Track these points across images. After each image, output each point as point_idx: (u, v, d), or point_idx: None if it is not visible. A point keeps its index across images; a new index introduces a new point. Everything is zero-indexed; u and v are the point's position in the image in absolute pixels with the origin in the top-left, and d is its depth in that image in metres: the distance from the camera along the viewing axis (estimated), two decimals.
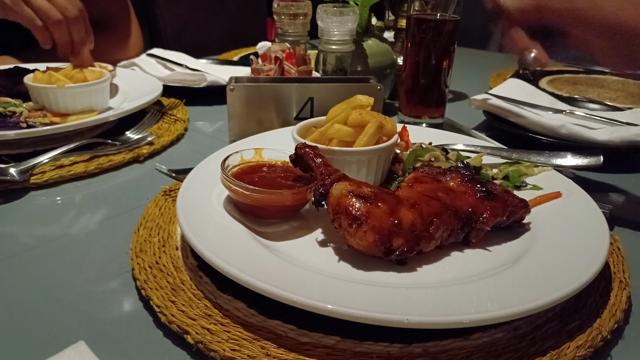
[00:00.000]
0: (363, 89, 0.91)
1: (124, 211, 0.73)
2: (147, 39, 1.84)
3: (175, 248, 0.61)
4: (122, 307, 0.54)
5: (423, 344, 0.48)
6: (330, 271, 0.54)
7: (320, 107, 0.93)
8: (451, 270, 0.56)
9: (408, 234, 0.54)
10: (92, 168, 0.83)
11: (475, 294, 0.50)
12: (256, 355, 0.46)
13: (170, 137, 0.97)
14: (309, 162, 0.63)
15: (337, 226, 0.56)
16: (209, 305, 0.52)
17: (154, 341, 0.49)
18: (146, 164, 0.89)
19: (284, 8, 1.27)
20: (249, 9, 2.29)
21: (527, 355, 0.47)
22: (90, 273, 0.59)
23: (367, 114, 0.70)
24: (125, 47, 1.49)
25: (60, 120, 0.94)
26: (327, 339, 0.48)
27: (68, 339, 0.48)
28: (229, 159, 0.68)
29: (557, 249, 0.57)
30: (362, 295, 0.49)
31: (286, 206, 0.64)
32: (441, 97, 1.06)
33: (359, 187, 0.57)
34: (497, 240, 0.61)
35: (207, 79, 1.21)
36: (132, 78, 1.19)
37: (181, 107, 1.14)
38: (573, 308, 0.53)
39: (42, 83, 0.96)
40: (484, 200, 0.60)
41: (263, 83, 0.92)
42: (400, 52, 1.21)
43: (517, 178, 0.74)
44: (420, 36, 1.00)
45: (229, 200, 0.66)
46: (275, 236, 0.62)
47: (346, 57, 1.04)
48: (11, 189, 0.77)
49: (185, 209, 0.61)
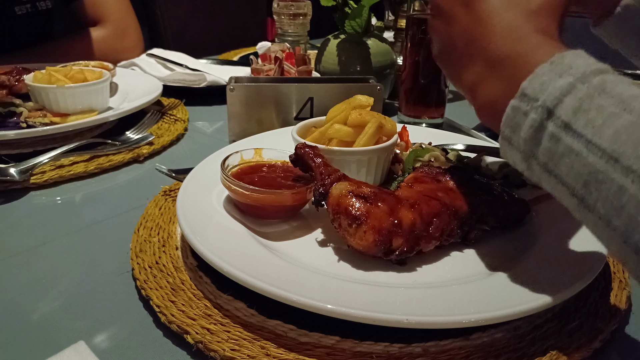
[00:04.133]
0: (363, 89, 0.90)
1: (124, 211, 0.73)
2: (147, 39, 1.84)
3: (175, 248, 0.61)
4: (122, 307, 0.54)
5: (423, 344, 0.48)
6: (330, 271, 0.54)
7: (320, 107, 0.93)
8: (451, 270, 0.56)
9: (408, 234, 0.54)
10: (92, 168, 0.83)
11: (475, 294, 0.50)
12: (256, 355, 0.46)
13: (170, 137, 0.97)
14: (308, 162, 0.63)
15: (337, 226, 0.56)
16: (209, 305, 0.52)
17: (154, 341, 0.49)
18: (146, 164, 0.89)
19: (284, 8, 1.27)
20: (249, 9, 2.29)
21: (527, 355, 0.47)
22: (90, 273, 0.59)
23: (367, 114, 0.70)
24: (125, 47, 1.49)
25: (60, 120, 0.94)
26: (327, 339, 0.48)
27: (68, 339, 0.48)
28: (228, 159, 0.68)
29: (557, 249, 0.57)
30: (362, 295, 0.49)
31: (286, 206, 0.64)
32: (441, 97, 1.06)
33: (358, 187, 0.57)
34: (497, 240, 0.61)
35: (207, 79, 1.21)
36: (132, 78, 1.19)
37: (181, 107, 1.14)
38: (573, 308, 0.53)
39: (42, 83, 0.96)
40: (484, 200, 0.60)
41: (263, 83, 0.92)
42: (400, 52, 1.21)
43: (517, 178, 0.74)
44: (420, 36, 1.00)
45: (229, 200, 0.66)
46: (275, 236, 0.62)
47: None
48: (11, 189, 0.77)
49: (185, 209, 0.61)
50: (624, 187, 0.36)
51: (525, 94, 0.42)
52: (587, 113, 0.39)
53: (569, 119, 0.40)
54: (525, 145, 0.43)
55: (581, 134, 0.39)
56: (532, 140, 0.42)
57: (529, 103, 0.42)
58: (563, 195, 0.42)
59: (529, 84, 0.42)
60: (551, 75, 0.42)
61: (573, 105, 0.40)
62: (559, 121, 0.40)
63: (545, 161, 0.42)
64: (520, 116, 0.43)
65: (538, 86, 0.42)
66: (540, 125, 0.41)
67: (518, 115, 0.43)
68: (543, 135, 0.41)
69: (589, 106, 0.39)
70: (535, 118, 0.42)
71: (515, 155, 0.45)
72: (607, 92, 0.39)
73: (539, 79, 0.42)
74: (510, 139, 0.45)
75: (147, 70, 1.29)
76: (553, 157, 0.41)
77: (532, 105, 0.42)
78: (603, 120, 0.38)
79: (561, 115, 0.40)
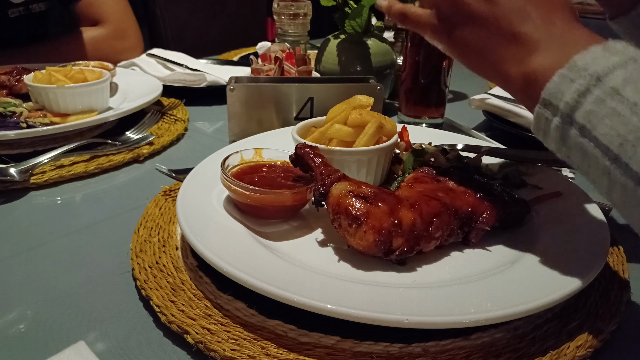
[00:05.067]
0: (363, 89, 0.90)
1: (124, 211, 0.73)
2: (147, 39, 1.84)
3: (175, 248, 0.61)
4: (122, 307, 0.54)
5: (423, 344, 0.48)
6: (330, 271, 0.54)
7: (320, 107, 0.93)
8: (451, 270, 0.56)
9: (408, 234, 0.54)
10: (92, 168, 0.83)
11: (475, 294, 0.50)
12: (256, 355, 0.46)
13: (170, 137, 0.97)
14: (309, 162, 0.63)
15: (337, 226, 0.56)
16: (209, 305, 0.52)
17: (154, 341, 0.49)
18: (146, 164, 0.89)
19: (284, 8, 1.27)
20: (249, 9, 2.29)
21: (527, 355, 0.47)
22: (90, 273, 0.59)
23: (367, 114, 0.70)
24: (124, 48, 1.49)
25: (60, 120, 0.94)
26: (327, 339, 0.48)
27: (68, 339, 0.48)
28: (228, 159, 0.68)
29: (557, 249, 0.57)
30: (362, 295, 0.49)
31: (286, 206, 0.64)
32: (441, 97, 1.06)
33: (358, 187, 0.57)
34: (497, 240, 0.61)
35: (207, 79, 1.21)
36: (132, 78, 1.19)
37: (181, 107, 1.14)
38: (573, 308, 0.53)
39: (42, 83, 0.96)
40: (484, 200, 0.60)
41: (263, 83, 0.92)
42: (400, 52, 1.21)
43: (517, 178, 0.74)
44: (420, 36, 1.00)
45: (229, 200, 0.66)
46: (275, 236, 0.62)
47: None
48: (11, 189, 0.77)
49: (185, 209, 0.61)
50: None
51: (576, 65, 0.44)
52: (636, 83, 0.41)
53: (619, 86, 0.42)
54: (566, 108, 0.44)
55: (628, 98, 0.41)
56: (574, 103, 0.44)
57: (578, 72, 0.44)
58: (593, 161, 0.44)
59: (581, 57, 0.44)
60: (604, 53, 0.44)
61: (624, 76, 0.42)
62: (606, 87, 0.42)
63: (584, 124, 0.43)
64: (566, 82, 0.44)
65: (590, 60, 0.44)
66: (586, 89, 0.43)
67: (564, 82, 0.45)
68: (587, 99, 0.43)
69: (639, 77, 0.41)
70: (582, 83, 0.43)
71: (549, 125, 0.46)
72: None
73: (591, 54, 0.44)
74: (549, 106, 0.46)
75: (147, 70, 1.29)
76: (592, 120, 0.43)
77: (581, 74, 0.44)
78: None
79: (610, 82, 0.42)
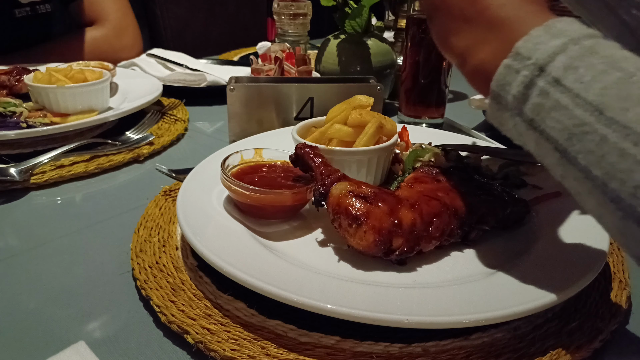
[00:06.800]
0: (363, 89, 0.90)
1: (124, 211, 0.73)
2: (147, 39, 1.84)
3: (175, 248, 0.61)
4: (122, 307, 0.54)
5: (423, 344, 0.48)
6: (330, 271, 0.54)
7: (320, 107, 0.93)
8: (451, 270, 0.56)
9: (408, 234, 0.54)
10: (92, 168, 0.83)
11: (475, 294, 0.50)
12: (256, 355, 0.46)
13: (170, 137, 0.97)
14: (309, 162, 0.63)
15: (337, 226, 0.56)
16: (209, 305, 0.52)
17: (154, 341, 0.49)
18: (146, 164, 0.89)
19: (284, 8, 1.27)
20: (249, 9, 2.29)
21: (527, 355, 0.47)
22: (91, 273, 0.59)
23: (367, 114, 0.70)
24: (123, 46, 1.49)
25: (60, 120, 0.94)
26: (327, 339, 0.48)
27: (68, 339, 0.48)
28: (229, 159, 0.68)
29: (557, 249, 0.57)
30: (362, 295, 0.49)
31: (286, 206, 0.64)
32: (441, 97, 1.06)
33: (359, 187, 0.57)
34: (497, 240, 0.61)
35: (207, 79, 1.21)
36: (132, 78, 1.19)
37: (181, 107, 1.14)
38: (573, 308, 0.53)
39: (42, 83, 0.96)
40: (484, 200, 0.60)
41: (263, 83, 0.92)
42: (400, 52, 1.21)
43: (517, 178, 0.74)
44: (420, 36, 1.00)
45: (229, 200, 0.66)
46: (275, 236, 0.62)
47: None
48: (11, 189, 0.77)
49: (185, 209, 0.61)
50: (606, 137, 0.38)
51: (519, 53, 0.44)
52: (577, 70, 0.40)
53: (559, 75, 0.41)
54: (514, 102, 0.44)
55: (570, 89, 0.40)
56: (521, 96, 0.43)
57: (521, 62, 0.43)
58: (545, 152, 0.43)
59: (523, 44, 0.44)
60: (545, 37, 0.43)
61: (564, 63, 0.41)
62: (549, 77, 0.41)
63: (532, 117, 0.43)
64: (511, 74, 0.44)
65: (532, 46, 0.43)
66: (530, 81, 0.42)
67: (510, 74, 0.44)
68: (532, 91, 0.42)
69: (579, 64, 0.40)
70: (526, 74, 0.43)
71: (502, 115, 0.46)
72: (598, 52, 0.40)
73: (533, 40, 0.43)
74: (499, 98, 0.45)
75: (147, 70, 1.29)
76: (540, 113, 0.42)
77: (525, 64, 0.43)
78: (592, 77, 0.39)
79: (552, 72, 0.41)
